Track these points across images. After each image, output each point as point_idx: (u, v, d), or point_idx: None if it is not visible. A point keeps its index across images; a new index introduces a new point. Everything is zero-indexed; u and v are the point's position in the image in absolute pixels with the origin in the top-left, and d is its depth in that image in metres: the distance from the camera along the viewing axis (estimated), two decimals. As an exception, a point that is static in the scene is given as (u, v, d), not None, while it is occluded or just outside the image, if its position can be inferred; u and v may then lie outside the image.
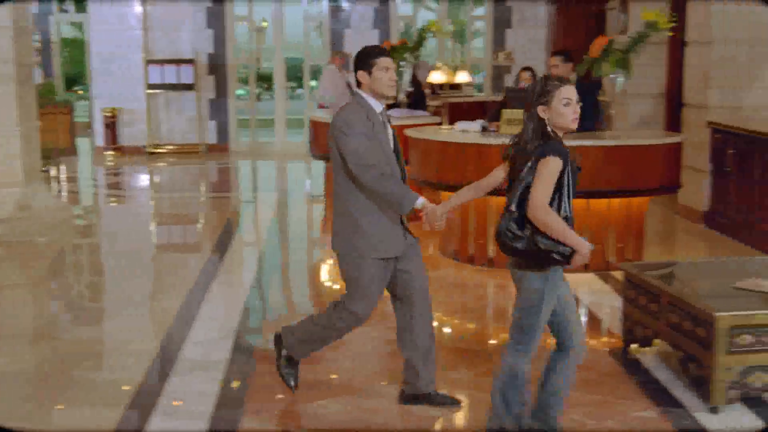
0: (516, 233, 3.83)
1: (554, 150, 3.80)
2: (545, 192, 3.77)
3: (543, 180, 3.77)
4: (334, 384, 5.00)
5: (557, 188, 3.81)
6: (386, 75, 4.39)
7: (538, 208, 3.75)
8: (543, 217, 3.75)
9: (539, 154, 3.81)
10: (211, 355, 5.45)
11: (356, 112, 4.36)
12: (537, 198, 3.76)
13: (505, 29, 15.94)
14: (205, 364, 5.28)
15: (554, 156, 3.78)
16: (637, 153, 7.20)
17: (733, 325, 4.51)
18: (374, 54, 4.44)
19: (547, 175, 3.77)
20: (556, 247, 3.78)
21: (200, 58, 15.65)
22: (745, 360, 4.54)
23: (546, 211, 3.75)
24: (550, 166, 3.77)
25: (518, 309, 3.99)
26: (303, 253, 8.94)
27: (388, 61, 4.42)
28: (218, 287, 7.13)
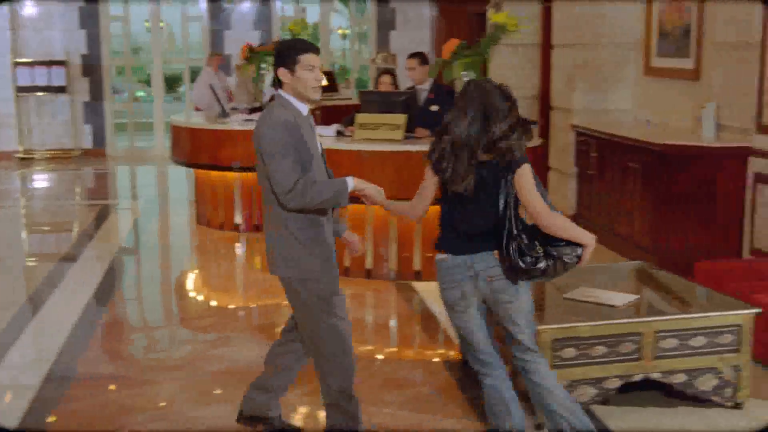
0: (535, 256, 3.70)
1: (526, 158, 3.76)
2: (537, 196, 3.69)
3: (531, 186, 3.69)
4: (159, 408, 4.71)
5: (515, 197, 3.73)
6: (311, 75, 3.84)
7: (545, 214, 3.67)
8: (554, 220, 3.67)
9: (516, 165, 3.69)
10: (20, 379, 5.08)
11: (281, 118, 3.76)
12: (539, 205, 3.67)
13: (390, 31, 15.75)
14: (13, 388, 4.92)
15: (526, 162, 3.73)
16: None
17: (555, 338, 4.36)
18: (298, 49, 3.84)
19: (530, 180, 3.70)
20: (573, 250, 3.72)
21: (73, 59, 15.06)
22: (570, 374, 4.40)
23: (551, 213, 3.69)
24: (528, 172, 3.71)
25: (528, 321, 3.89)
26: (159, 264, 8.56)
27: (314, 58, 3.84)
28: (54, 302, 6.73)
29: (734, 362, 4.58)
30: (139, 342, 5.93)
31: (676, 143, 7.14)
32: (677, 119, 8.09)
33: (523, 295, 3.83)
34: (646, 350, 4.46)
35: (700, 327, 4.52)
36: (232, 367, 5.23)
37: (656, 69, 8.58)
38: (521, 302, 3.83)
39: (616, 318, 4.49)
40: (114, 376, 5.09)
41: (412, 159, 6.87)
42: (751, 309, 4.59)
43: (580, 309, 4.64)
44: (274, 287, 4.83)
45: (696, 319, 4.52)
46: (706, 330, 4.53)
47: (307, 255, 3.85)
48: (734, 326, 4.56)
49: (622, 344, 4.44)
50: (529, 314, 3.88)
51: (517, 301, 3.82)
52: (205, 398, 4.79)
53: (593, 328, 4.40)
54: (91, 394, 4.79)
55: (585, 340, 4.40)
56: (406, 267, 7.22)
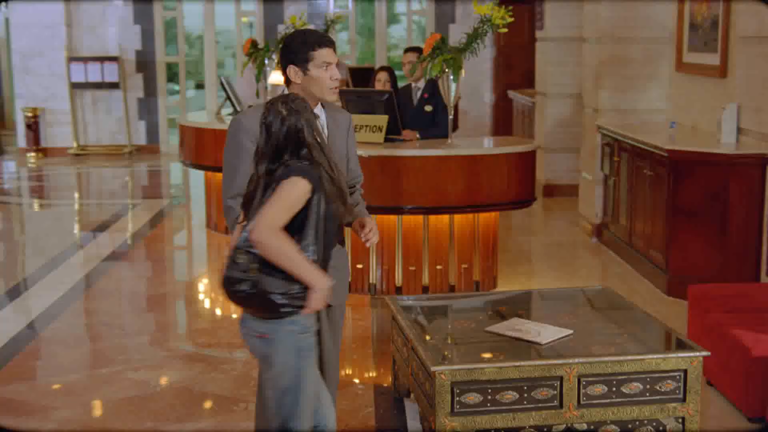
0: (240, 277, 3.03)
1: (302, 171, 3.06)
2: (279, 212, 3.00)
3: (280, 199, 3.01)
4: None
5: (302, 220, 3.06)
6: (327, 73, 3.40)
7: (260, 227, 2.96)
8: (268, 239, 2.95)
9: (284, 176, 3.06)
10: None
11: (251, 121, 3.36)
12: (264, 217, 2.98)
13: (449, 24, 15.12)
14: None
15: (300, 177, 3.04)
16: (480, 164, 6.43)
17: (455, 381, 3.77)
18: (311, 44, 3.38)
19: (286, 195, 3.01)
20: (288, 288, 3.02)
21: (127, 55, 14.99)
22: (473, 422, 3.80)
23: (273, 230, 2.97)
24: (291, 187, 3.02)
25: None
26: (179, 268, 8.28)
27: (330, 53, 3.38)
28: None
29: (679, 414, 3.90)
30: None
31: (683, 149, 6.39)
32: (706, 121, 7.29)
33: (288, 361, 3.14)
34: (568, 397, 3.83)
35: (634, 371, 3.86)
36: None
37: (687, 65, 7.77)
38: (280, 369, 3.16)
39: (529, 359, 3.87)
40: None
41: (389, 164, 6.34)
42: (697, 352, 3.90)
43: (497, 346, 4.04)
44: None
45: (628, 363, 3.85)
46: (642, 375, 3.87)
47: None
48: (677, 371, 3.89)
49: (538, 390, 3.82)
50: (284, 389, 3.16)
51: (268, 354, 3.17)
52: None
53: (501, 370, 3.80)
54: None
55: (492, 383, 3.79)
56: (388, 281, 6.68)
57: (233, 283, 3.04)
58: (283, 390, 3.14)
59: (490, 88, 15.08)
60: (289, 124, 3.08)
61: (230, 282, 3.05)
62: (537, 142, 6.89)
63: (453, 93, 6.32)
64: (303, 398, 3.15)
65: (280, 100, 3.15)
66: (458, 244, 6.64)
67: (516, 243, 8.80)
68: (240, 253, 3.04)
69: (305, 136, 3.08)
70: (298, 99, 3.17)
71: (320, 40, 3.38)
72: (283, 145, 3.08)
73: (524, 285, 7.01)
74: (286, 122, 3.08)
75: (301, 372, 3.13)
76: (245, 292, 3.03)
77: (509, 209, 6.86)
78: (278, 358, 3.12)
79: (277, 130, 3.09)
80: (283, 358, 3.12)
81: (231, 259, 3.06)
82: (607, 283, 7.16)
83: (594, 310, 4.67)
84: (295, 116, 3.09)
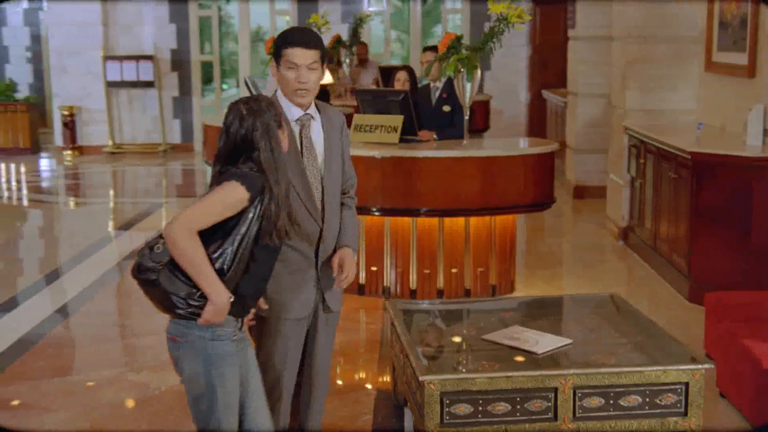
0: (151, 266, 2.92)
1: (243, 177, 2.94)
2: (203, 214, 2.90)
3: (210, 200, 2.91)
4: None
5: (232, 227, 2.95)
6: (293, 74, 3.25)
7: (175, 224, 2.85)
8: (178, 238, 2.84)
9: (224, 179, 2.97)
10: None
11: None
12: (182, 215, 2.88)
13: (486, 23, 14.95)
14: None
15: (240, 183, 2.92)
16: (496, 165, 6.30)
17: (444, 391, 3.66)
18: (284, 42, 3.26)
19: (219, 198, 2.91)
20: (189, 294, 2.91)
21: (162, 54, 15.05)
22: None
23: (189, 233, 2.86)
24: (227, 191, 2.91)
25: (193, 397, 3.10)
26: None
27: (299, 53, 3.21)
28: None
29: (680, 428, 3.75)
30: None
31: (706, 151, 6.20)
32: (734, 122, 7.07)
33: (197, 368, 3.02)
34: (563, 409, 3.70)
35: (632, 384, 3.71)
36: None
37: (716, 64, 7.56)
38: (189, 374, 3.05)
39: (522, 369, 3.74)
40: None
41: (403, 165, 6.23)
42: (699, 364, 3.74)
43: (491, 355, 3.92)
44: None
45: (626, 374, 3.71)
46: (641, 387, 3.72)
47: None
48: (678, 384, 3.73)
49: (531, 401, 3.70)
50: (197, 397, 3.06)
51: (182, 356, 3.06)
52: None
53: (492, 380, 3.67)
54: None
55: (483, 394, 3.67)
56: (403, 284, 6.57)
57: (142, 270, 2.94)
58: (195, 397, 3.05)
59: (526, 86, 14.90)
60: (247, 125, 2.98)
61: (139, 269, 2.95)
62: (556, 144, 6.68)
63: (468, 93, 6.19)
64: (218, 407, 3.02)
65: (243, 101, 3.05)
66: (474, 247, 6.51)
67: (542, 245, 8.65)
68: (160, 242, 2.95)
69: (257, 138, 2.96)
70: (263, 100, 3.06)
71: (292, 40, 3.26)
72: (240, 147, 2.98)
73: (543, 289, 6.85)
74: (243, 123, 2.99)
75: (213, 380, 3.00)
76: (150, 281, 2.93)
77: (526, 212, 6.71)
78: (187, 364, 3.02)
79: (235, 132, 2.99)
80: (192, 363, 3.01)
81: (149, 246, 2.97)
82: (629, 288, 7.01)
83: (600, 319, 4.52)
84: (252, 118, 2.99)
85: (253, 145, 2.97)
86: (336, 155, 3.47)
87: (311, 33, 3.37)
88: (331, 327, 3.62)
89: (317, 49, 3.29)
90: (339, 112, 3.66)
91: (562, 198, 10.73)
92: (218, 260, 2.94)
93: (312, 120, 3.39)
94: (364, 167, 6.24)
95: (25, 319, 6.26)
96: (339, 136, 3.53)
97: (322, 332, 3.56)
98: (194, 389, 3.03)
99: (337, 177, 3.47)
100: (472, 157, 6.24)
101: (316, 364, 3.60)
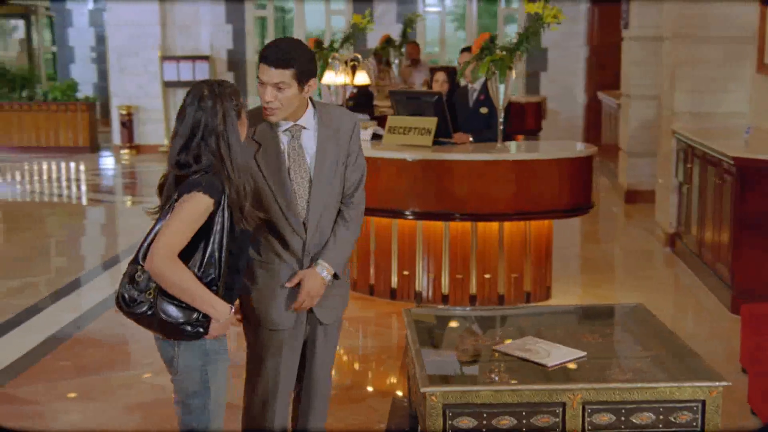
0: (139, 299, 2.87)
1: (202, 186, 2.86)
2: (177, 236, 2.84)
3: (180, 220, 2.84)
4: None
5: (203, 235, 2.90)
6: (261, 91, 3.13)
7: (158, 257, 2.80)
8: (164, 270, 2.80)
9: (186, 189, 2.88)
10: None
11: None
12: (163, 243, 2.82)
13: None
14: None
15: (202, 193, 2.85)
16: (530, 169, 6.14)
17: (447, 403, 3.54)
18: (259, 54, 3.17)
19: (187, 216, 2.84)
20: (187, 316, 2.89)
21: (219, 54, 15.15)
22: (467, 448, 3.56)
23: (172, 262, 2.82)
24: (192, 206, 2.85)
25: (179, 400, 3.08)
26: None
27: (264, 70, 3.08)
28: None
29: (696, 448, 3.57)
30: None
31: (750, 156, 5.96)
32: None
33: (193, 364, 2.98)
34: (571, 425, 3.55)
35: (645, 400, 3.54)
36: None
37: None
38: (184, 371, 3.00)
39: (528, 382, 3.60)
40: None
41: (434, 168, 6.11)
42: (716, 381, 3.55)
43: (500, 366, 3.78)
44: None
45: (638, 390, 3.54)
46: (655, 404, 3.55)
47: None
48: (694, 402, 3.55)
49: (538, 416, 3.55)
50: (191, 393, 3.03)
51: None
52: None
53: (497, 393, 3.54)
54: None
55: (488, 407, 3.54)
56: (435, 289, 6.45)
57: (130, 303, 2.88)
58: (190, 394, 3.00)
59: (583, 88, 14.64)
60: (205, 107, 2.87)
61: (126, 302, 2.89)
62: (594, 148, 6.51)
63: (502, 95, 6.04)
64: (210, 404, 3.00)
65: (207, 82, 2.96)
66: (508, 253, 6.36)
67: (587, 251, 8.45)
68: (140, 270, 2.88)
69: (215, 123, 2.86)
70: (227, 86, 2.95)
71: (264, 55, 3.11)
72: (195, 130, 2.87)
73: (581, 297, 6.68)
74: (203, 105, 2.87)
75: (208, 376, 2.98)
76: (144, 314, 2.88)
77: (562, 217, 6.53)
78: (182, 361, 2.96)
79: (192, 113, 2.88)
80: (188, 360, 2.96)
81: (129, 276, 2.90)
82: (672, 297, 6.81)
83: (622, 330, 4.35)
84: (212, 101, 2.88)
85: (210, 129, 2.87)
86: (329, 166, 3.28)
87: (288, 50, 3.13)
88: (330, 339, 3.51)
89: (288, 69, 3.09)
90: (349, 116, 3.45)
91: (613, 202, 10.52)
92: (208, 270, 2.89)
93: (303, 130, 3.28)
94: (396, 170, 6.18)
95: (54, 320, 6.31)
96: (337, 143, 3.31)
97: (320, 344, 3.47)
98: (188, 387, 3.00)
99: (328, 189, 3.28)
100: (505, 161, 6.10)
101: (314, 375, 3.51)
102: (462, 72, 6.56)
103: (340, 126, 3.35)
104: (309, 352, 3.48)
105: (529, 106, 12.44)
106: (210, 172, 2.89)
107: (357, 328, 6.09)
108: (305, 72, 3.14)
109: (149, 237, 2.91)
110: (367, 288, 6.68)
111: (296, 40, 3.22)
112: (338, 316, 3.51)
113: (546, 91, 14.72)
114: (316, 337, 3.47)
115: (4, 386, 5.01)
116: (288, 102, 3.13)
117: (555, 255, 6.63)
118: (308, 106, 3.27)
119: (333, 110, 3.42)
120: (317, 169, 3.25)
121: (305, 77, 3.15)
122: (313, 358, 3.49)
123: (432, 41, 16.17)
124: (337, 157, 3.32)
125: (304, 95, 3.19)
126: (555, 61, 14.68)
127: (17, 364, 5.35)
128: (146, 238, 2.92)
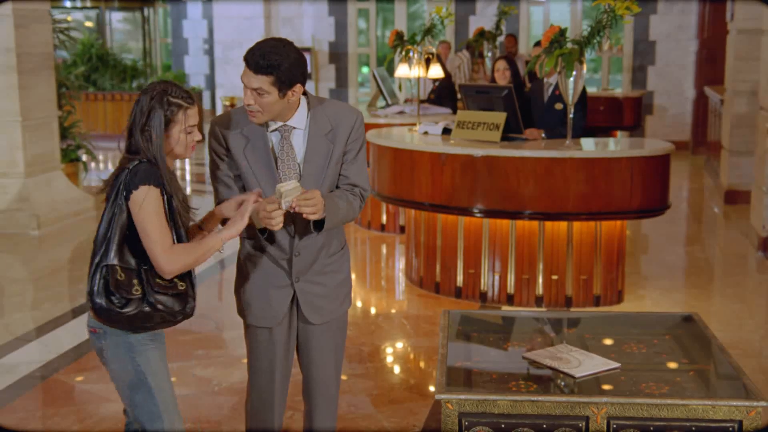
0: (127, 297, 2.91)
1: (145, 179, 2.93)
2: (158, 232, 2.91)
3: (149, 222, 2.90)
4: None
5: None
6: (244, 91, 3.08)
7: (166, 263, 2.91)
8: (176, 267, 2.93)
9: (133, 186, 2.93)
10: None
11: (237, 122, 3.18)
12: (155, 251, 2.90)
13: (650, 15, 14.22)
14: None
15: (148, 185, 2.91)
16: (599, 168, 5.89)
17: (463, 412, 3.39)
18: (244, 55, 3.09)
19: (152, 213, 2.91)
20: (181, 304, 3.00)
21: (321, 46, 15.23)
22: (484, 459, 3.41)
23: (175, 256, 2.93)
24: (148, 202, 2.91)
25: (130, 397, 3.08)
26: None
27: (245, 74, 2.99)
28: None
29: (732, 471, 3.32)
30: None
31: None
32: None
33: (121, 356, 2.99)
34: (595, 440, 3.36)
35: (674, 418, 3.31)
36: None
37: None
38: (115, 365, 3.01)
39: (550, 393, 3.42)
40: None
41: (499, 165, 5.94)
42: (755, 401, 3.29)
43: (525, 375, 3.61)
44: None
45: (667, 407, 3.32)
46: (686, 423, 3.32)
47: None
48: (730, 422, 3.30)
49: (559, 429, 3.37)
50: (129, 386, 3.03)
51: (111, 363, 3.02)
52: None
53: (516, 403, 3.37)
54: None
55: (506, 417, 3.38)
56: (500, 289, 6.28)
57: (120, 306, 2.91)
58: (130, 387, 3.02)
59: (693, 83, 14.07)
60: (151, 102, 2.96)
61: (116, 305, 2.91)
62: (670, 145, 6.18)
63: (571, 90, 5.81)
64: (153, 391, 3.01)
65: (172, 84, 3.02)
66: (576, 254, 6.13)
67: (674, 253, 8.09)
68: (119, 271, 2.92)
69: (150, 117, 2.95)
70: (182, 90, 3.01)
71: (246, 57, 3.03)
72: (138, 120, 2.97)
73: (654, 303, 6.38)
74: (146, 98, 2.97)
75: (140, 365, 2.99)
76: (138, 311, 2.93)
77: (633, 218, 6.24)
78: (110, 353, 3.00)
79: (141, 106, 2.98)
80: (115, 351, 2.99)
81: (105, 281, 2.92)
82: (754, 306, 6.43)
83: (667, 340, 4.09)
84: (159, 96, 2.96)
85: (137, 125, 2.97)
86: (320, 164, 3.17)
87: (270, 55, 2.97)
88: (326, 340, 3.40)
89: (268, 75, 2.96)
90: (350, 112, 3.29)
91: (713, 202, 10.08)
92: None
93: (294, 130, 3.18)
94: (463, 166, 6.03)
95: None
96: (333, 141, 3.19)
97: (314, 346, 3.38)
98: (125, 378, 3.02)
99: (317, 187, 3.14)
100: (574, 158, 5.86)
101: (312, 376, 3.43)
102: (531, 66, 6.34)
103: (338, 123, 3.22)
104: (303, 352, 3.42)
105: (627, 101, 12.01)
106: (144, 161, 2.96)
107: (415, 326, 5.97)
108: (287, 79, 3.00)
109: (100, 232, 2.96)
110: (433, 286, 6.55)
111: (283, 43, 3.04)
112: (331, 317, 3.39)
113: (653, 85, 14.22)
114: (308, 337, 3.39)
115: (60, 372, 5.12)
116: (268, 107, 3.03)
117: (639, 257, 6.35)
118: (299, 107, 3.16)
119: (331, 108, 3.27)
120: (306, 168, 3.16)
121: (286, 84, 3.01)
122: (308, 359, 3.42)
123: (537, 36, 15.84)
124: (329, 156, 3.20)
125: (288, 100, 3.08)
126: (663, 54, 14.16)
127: (73, 351, 5.45)
128: (98, 232, 2.97)
